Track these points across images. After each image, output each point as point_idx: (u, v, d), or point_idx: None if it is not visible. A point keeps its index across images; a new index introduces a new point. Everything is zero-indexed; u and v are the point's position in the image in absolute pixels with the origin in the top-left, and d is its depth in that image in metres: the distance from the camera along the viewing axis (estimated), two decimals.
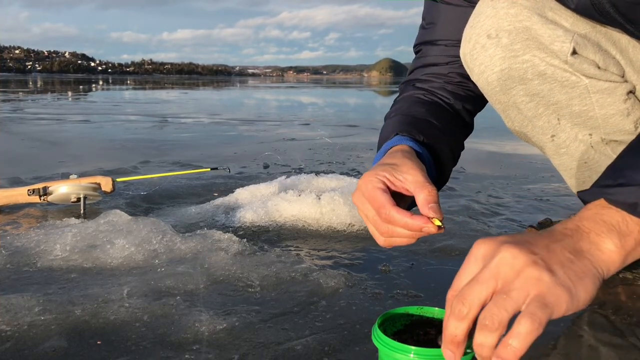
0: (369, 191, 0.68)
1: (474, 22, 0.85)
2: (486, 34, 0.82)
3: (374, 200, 0.67)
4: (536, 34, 0.79)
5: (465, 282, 0.53)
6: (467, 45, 0.86)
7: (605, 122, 0.87)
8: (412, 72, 1.03)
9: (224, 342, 0.89)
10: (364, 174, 0.72)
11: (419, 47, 1.03)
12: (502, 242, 0.53)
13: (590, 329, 0.95)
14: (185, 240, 1.33)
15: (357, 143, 3.66)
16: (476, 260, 0.53)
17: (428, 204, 0.64)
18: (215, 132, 4.57)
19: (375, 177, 0.69)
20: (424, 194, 0.65)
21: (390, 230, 0.67)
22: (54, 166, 2.63)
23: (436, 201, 0.65)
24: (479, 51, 0.84)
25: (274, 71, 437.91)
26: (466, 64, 0.89)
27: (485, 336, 0.50)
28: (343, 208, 1.57)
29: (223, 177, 2.26)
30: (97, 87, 18.96)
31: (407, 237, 0.67)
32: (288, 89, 20.95)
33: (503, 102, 0.90)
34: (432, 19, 1.00)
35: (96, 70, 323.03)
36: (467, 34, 0.86)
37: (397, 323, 0.74)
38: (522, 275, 0.50)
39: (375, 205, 0.67)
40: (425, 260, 1.30)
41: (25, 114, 6.10)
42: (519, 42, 0.80)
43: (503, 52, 0.82)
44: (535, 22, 0.79)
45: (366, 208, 0.69)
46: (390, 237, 0.68)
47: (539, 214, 1.70)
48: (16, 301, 0.99)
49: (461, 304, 0.52)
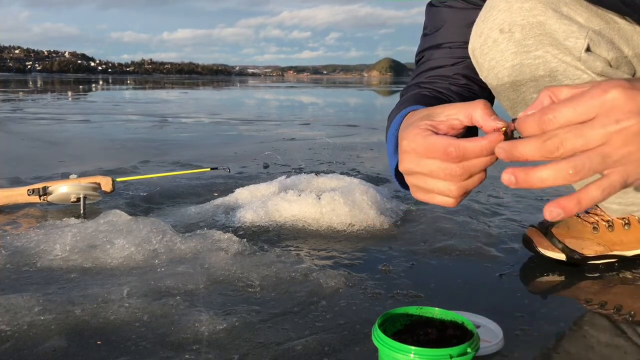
0: (422, 143, 0.59)
1: (486, 16, 0.83)
2: (499, 28, 0.81)
3: (434, 147, 0.58)
4: (550, 29, 0.78)
5: (570, 116, 0.47)
6: (478, 39, 0.84)
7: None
8: (415, 77, 1.00)
9: (224, 342, 0.89)
10: (402, 139, 0.63)
11: (422, 53, 1.01)
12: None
13: (592, 329, 0.95)
14: (185, 240, 1.33)
15: (357, 143, 3.66)
16: (600, 105, 0.47)
17: (490, 116, 0.57)
18: (215, 132, 4.56)
19: (418, 129, 0.61)
20: (481, 108, 0.57)
21: (466, 168, 0.58)
22: (54, 166, 2.63)
23: (495, 113, 0.58)
24: (491, 46, 0.82)
25: (274, 71, 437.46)
26: (475, 60, 0.87)
27: (561, 174, 0.48)
28: (343, 208, 1.57)
29: (223, 177, 2.26)
30: (97, 87, 18.96)
31: (485, 165, 0.59)
32: (288, 88, 20.94)
33: (512, 99, 0.88)
34: (435, 26, 0.98)
35: (96, 70, 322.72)
36: (479, 28, 0.84)
37: (397, 323, 0.74)
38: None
39: (437, 150, 0.58)
40: (425, 260, 1.30)
41: (25, 114, 6.10)
42: (532, 38, 0.79)
43: (515, 47, 0.80)
44: (550, 17, 0.77)
45: (425, 164, 0.60)
46: (469, 176, 0.59)
47: (539, 214, 1.70)
48: (16, 301, 0.99)
49: (558, 143, 0.47)
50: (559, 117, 0.48)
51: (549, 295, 1.14)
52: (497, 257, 1.31)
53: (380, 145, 3.50)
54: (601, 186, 0.48)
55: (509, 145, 0.52)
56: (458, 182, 0.59)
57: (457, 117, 0.60)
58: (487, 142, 0.56)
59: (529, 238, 1.27)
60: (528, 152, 0.51)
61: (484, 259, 1.30)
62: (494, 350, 0.85)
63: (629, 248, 1.21)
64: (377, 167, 2.65)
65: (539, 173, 0.50)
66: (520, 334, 0.92)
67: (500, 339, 0.86)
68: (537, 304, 1.06)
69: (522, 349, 0.88)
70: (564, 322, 0.97)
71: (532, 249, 1.27)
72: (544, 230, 1.25)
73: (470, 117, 0.58)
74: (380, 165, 2.69)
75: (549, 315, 1.00)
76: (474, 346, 0.67)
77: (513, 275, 1.21)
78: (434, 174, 0.60)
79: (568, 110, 0.48)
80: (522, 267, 1.26)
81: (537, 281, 1.20)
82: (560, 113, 0.48)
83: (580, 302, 1.09)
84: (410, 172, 0.63)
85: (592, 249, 1.21)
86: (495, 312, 0.98)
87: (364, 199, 1.61)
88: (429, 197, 0.64)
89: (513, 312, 1.01)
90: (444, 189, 0.61)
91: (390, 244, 1.41)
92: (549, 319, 0.99)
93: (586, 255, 1.22)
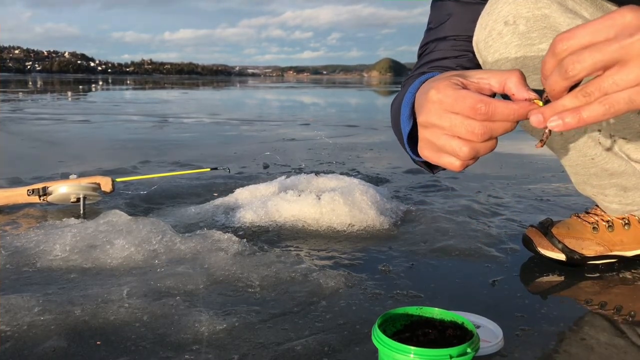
0: (452, 94, 0.57)
1: (491, 8, 0.83)
2: (503, 21, 0.80)
3: (463, 100, 0.56)
4: (555, 22, 0.77)
5: (588, 40, 0.48)
6: (483, 32, 0.84)
7: (616, 119, 0.86)
8: (418, 68, 0.99)
9: (224, 342, 0.89)
10: (429, 89, 0.60)
11: (426, 46, 1.00)
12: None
13: (592, 329, 0.95)
14: (185, 241, 1.33)
15: (357, 143, 3.66)
16: (614, 25, 0.48)
17: (525, 86, 0.56)
18: (215, 132, 4.56)
19: (449, 81, 0.59)
20: (517, 76, 0.56)
21: (487, 128, 0.57)
22: (54, 166, 2.62)
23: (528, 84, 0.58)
24: (495, 38, 0.82)
25: (274, 71, 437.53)
26: (479, 53, 0.87)
27: (574, 101, 0.50)
28: (343, 208, 1.57)
29: (223, 177, 2.26)
30: (96, 87, 18.96)
31: (505, 130, 0.58)
32: (288, 89, 20.94)
33: None
34: (440, 19, 0.98)
35: (96, 70, 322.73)
36: (483, 20, 0.84)
37: (397, 323, 0.74)
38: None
39: (466, 104, 0.56)
40: (425, 260, 1.30)
41: (25, 114, 6.09)
42: (537, 30, 0.79)
43: (519, 40, 0.80)
44: (555, 11, 0.77)
45: (447, 118, 0.58)
46: (487, 138, 0.58)
47: (539, 214, 1.70)
48: (16, 301, 0.99)
49: (576, 63, 0.49)
50: (573, 41, 0.49)
51: (549, 295, 1.14)
52: (497, 257, 1.31)
53: (380, 145, 3.51)
54: (604, 102, 0.49)
55: (542, 107, 0.54)
56: (475, 142, 0.58)
57: (489, 81, 0.58)
58: (519, 107, 0.55)
59: (529, 238, 1.27)
60: (552, 83, 0.51)
61: (484, 259, 1.30)
62: (494, 350, 0.85)
63: (629, 248, 1.21)
64: (377, 167, 2.65)
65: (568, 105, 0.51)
66: (520, 334, 0.92)
67: (500, 339, 0.86)
68: (537, 304, 1.06)
69: (522, 349, 0.88)
70: (564, 322, 0.97)
71: (532, 249, 1.27)
72: (544, 231, 1.25)
73: (504, 84, 0.57)
74: (380, 165, 2.69)
75: (549, 315, 1.00)
76: (474, 346, 0.67)
77: (513, 275, 1.21)
78: (454, 129, 0.58)
79: (584, 31, 0.49)
80: (522, 267, 1.26)
81: (537, 281, 1.20)
82: (575, 36, 0.49)
83: (580, 302, 1.09)
84: (430, 124, 0.61)
85: (592, 249, 1.21)
86: (495, 312, 0.98)
87: (364, 199, 1.61)
88: (436, 155, 0.62)
89: (513, 312, 1.01)
90: (456, 148, 0.59)
91: (390, 244, 1.41)
92: (549, 319, 0.99)
93: (586, 256, 1.22)
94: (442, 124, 0.59)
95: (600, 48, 0.47)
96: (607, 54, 0.47)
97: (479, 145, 0.58)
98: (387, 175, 2.39)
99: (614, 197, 1.08)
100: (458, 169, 0.61)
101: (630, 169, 0.98)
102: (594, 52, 0.48)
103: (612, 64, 0.48)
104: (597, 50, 0.47)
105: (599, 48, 0.47)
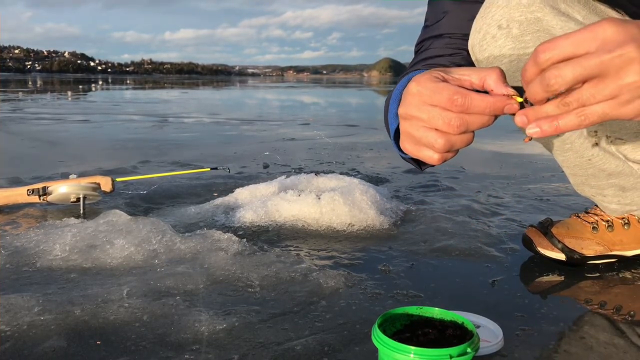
0: (430, 87, 0.60)
1: (485, 12, 0.84)
2: (497, 25, 0.81)
3: (441, 92, 0.59)
4: (548, 26, 0.78)
5: (569, 52, 0.50)
6: (477, 35, 0.85)
7: (612, 120, 0.86)
8: (413, 65, 1.00)
9: (224, 342, 0.89)
10: (410, 83, 0.63)
11: (422, 43, 1.01)
12: (636, 39, 0.48)
13: (591, 329, 0.95)
14: (185, 240, 1.33)
15: (357, 143, 3.66)
16: (595, 39, 0.49)
17: (503, 83, 0.59)
18: (215, 132, 4.56)
19: (430, 75, 0.61)
20: (496, 74, 0.59)
21: (464, 121, 0.59)
22: (54, 166, 2.62)
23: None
24: (489, 42, 0.83)
25: (273, 71, 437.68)
26: (474, 56, 0.87)
27: (554, 109, 0.52)
28: (343, 208, 1.57)
29: (223, 177, 2.26)
30: (96, 86, 18.96)
31: (481, 124, 0.59)
32: (288, 88, 20.94)
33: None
34: (436, 17, 0.99)
35: (96, 70, 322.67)
36: (478, 24, 0.85)
37: (397, 323, 0.75)
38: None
39: (443, 96, 0.58)
40: (425, 260, 1.30)
41: (25, 114, 6.09)
42: (530, 34, 0.79)
43: (513, 43, 0.81)
44: (547, 14, 0.78)
45: (425, 110, 0.60)
46: (463, 131, 0.59)
47: (539, 214, 1.70)
48: (16, 301, 0.99)
49: (558, 77, 0.51)
50: (555, 52, 0.51)
51: (549, 295, 1.14)
52: (497, 257, 1.31)
53: (380, 145, 3.50)
54: (579, 113, 0.52)
55: (526, 110, 0.56)
56: (451, 134, 0.60)
57: (470, 77, 0.60)
58: (495, 100, 0.57)
59: (529, 238, 1.27)
60: (534, 92, 0.53)
61: (484, 259, 1.30)
62: (494, 350, 0.85)
63: (628, 248, 1.21)
64: (377, 167, 2.65)
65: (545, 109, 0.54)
66: (520, 334, 0.92)
67: (500, 339, 0.86)
68: (537, 303, 1.06)
69: (522, 349, 0.88)
70: (563, 322, 0.98)
71: (532, 249, 1.27)
72: (544, 230, 1.25)
73: (484, 80, 0.60)
74: (380, 165, 2.69)
75: (549, 315, 1.00)
76: (473, 346, 0.67)
77: (513, 275, 1.21)
78: (431, 121, 0.60)
79: (566, 42, 0.51)
80: (522, 267, 1.26)
81: (537, 281, 1.20)
82: (557, 47, 0.51)
83: (580, 302, 1.09)
84: (409, 116, 0.63)
85: (592, 249, 1.21)
86: (495, 312, 0.98)
87: (364, 199, 1.61)
88: (416, 148, 0.65)
89: (513, 312, 1.01)
90: (432, 140, 0.61)
91: (390, 244, 1.41)
92: (549, 318, 0.99)
93: (586, 255, 1.22)
94: (420, 115, 0.61)
95: (582, 62, 0.49)
96: (587, 69, 0.50)
97: (454, 138, 0.61)
98: (387, 175, 2.39)
99: (612, 197, 1.08)
100: (436, 162, 0.64)
101: (627, 169, 0.98)
102: (576, 66, 0.50)
103: (592, 77, 0.50)
104: (578, 64, 0.50)
105: (580, 62, 0.50)
